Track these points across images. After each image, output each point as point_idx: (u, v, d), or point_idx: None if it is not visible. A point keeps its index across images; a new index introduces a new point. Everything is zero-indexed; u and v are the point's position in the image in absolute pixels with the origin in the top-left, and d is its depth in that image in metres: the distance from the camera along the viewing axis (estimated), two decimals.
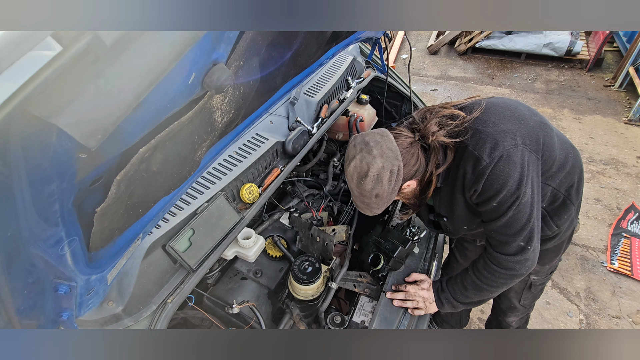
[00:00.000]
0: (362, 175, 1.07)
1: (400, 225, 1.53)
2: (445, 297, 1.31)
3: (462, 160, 1.11)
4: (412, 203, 1.29)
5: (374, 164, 1.05)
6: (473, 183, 1.10)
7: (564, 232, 1.38)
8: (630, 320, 2.41)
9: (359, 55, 2.23)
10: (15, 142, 0.45)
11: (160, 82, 0.58)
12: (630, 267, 2.71)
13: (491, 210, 1.12)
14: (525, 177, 1.07)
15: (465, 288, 1.27)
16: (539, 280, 1.63)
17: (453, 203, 1.22)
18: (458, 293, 1.29)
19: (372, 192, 1.08)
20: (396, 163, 1.06)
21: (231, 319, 1.33)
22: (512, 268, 1.17)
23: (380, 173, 1.05)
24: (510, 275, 1.19)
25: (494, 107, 1.14)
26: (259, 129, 1.47)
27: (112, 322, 0.98)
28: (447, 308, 1.32)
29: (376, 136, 1.09)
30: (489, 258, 1.21)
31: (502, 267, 1.18)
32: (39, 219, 0.56)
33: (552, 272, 1.62)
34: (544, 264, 1.52)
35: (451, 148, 1.13)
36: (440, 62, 5.63)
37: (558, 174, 1.21)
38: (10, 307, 0.58)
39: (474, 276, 1.25)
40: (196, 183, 1.23)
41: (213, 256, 1.15)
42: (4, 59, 0.38)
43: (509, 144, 1.06)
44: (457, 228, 1.32)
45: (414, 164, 1.12)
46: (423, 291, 1.34)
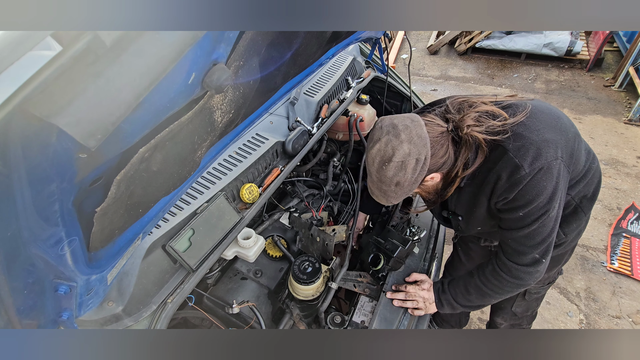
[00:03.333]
0: (385, 160, 0.99)
1: (400, 225, 1.53)
2: (445, 298, 1.30)
3: (498, 164, 1.04)
4: (430, 198, 1.23)
5: (400, 149, 0.97)
6: (505, 190, 1.04)
7: (569, 242, 1.34)
8: (630, 320, 2.41)
9: (359, 55, 2.23)
10: (15, 142, 0.45)
11: (160, 82, 0.58)
12: (630, 267, 2.71)
13: (515, 220, 1.08)
14: (557, 192, 1.03)
15: (467, 292, 1.25)
16: (535, 289, 1.60)
17: (474, 205, 1.17)
18: (459, 295, 1.27)
19: (393, 180, 1.01)
20: (423, 151, 0.99)
21: (231, 319, 1.33)
22: (521, 278, 1.15)
23: (406, 160, 0.98)
24: (517, 284, 1.17)
25: (540, 113, 1.07)
26: (259, 129, 1.47)
27: (112, 322, 0.98)
28: (447, 309, 1.31)
29: (406, 120, 1.01)
30: (499, 265, 1.17)
31: (512, 276, 1.15)
32: (39, 219, 0.56)
33: (549, 284, 1.60)
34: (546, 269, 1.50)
35: (483, 147, 1.05)
36: (440, 62, 5.63)
37: (578, 184, 1.17)
38: (10, 307, 0.58)
39: (479, 281, 1.22)
40: (196, 183, 1.23)
41: (213, 256, 1.15)
42: (4, 59, 0.38)
43: (551, 155, 1.00)
44: (471, 228, 1.28)
45: (442, 156, 1.04)
46: (423, 291, 1.33)
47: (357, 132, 1.94)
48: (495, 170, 1.04)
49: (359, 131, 1.94)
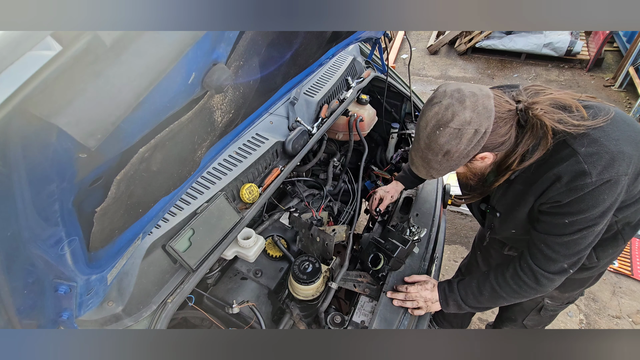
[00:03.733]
0: (442, 124, 0.92)
1: (400, 226, 1.52)
2: (453, 298, 1.26)
3: (561, 165, 0.96)
4: (472, 185, 1.14)
5: (460, 115, 0.90)
6: (560, 194, 0.96)
7: (600, 267, 1.30)
8: (630, 320, 2.41)
9: (359, 55, 2.23)
10: (15, 142, 0.45)
11: (160, 82, 0.58)
12: (630, 267, 2.71)
13: (558, 225, 1.02)
14: (612, 208, 0.97)
15: (480, 293, 1.20)
16: (552, 306, 1.55)
17: (518, 203, 1.10)
18: (470, 296, 1.23)
19: (444, 148, 0.93)
20: (485, 124, 0.91)
21: (231, 319, 1.32)
22: (543, 285, 1.10)
23: (464, 128, 0.90)
24: (536, 290, 1.12)
25: (622, 123, 0.98)
26: (259, 129, 1.47)
27: (112, 322, 0.98)
28: (453, 309, 1.28)
29: (474, 88, 0.94)
30: (523, 269, 1.12)
31: (534, 281, 1.10)
32: (39, 219, 0.56)
33: (568, 303, 1.55)
34: (565, 291, 1.44)
35: (548, 139, 0.96)
36: (440, 62, 5.63)
37: (628, 208, 1.08)
38: (10, 307, 0.58)
39: (495, 283, 1.17)
40: (196, 183, 1.23)
41: (213, 256, 1.15)
42: (4, 59, 0.38)
43: (622, 170, 0.92)
44: (504, 229, 1.23)
45: (502, 135, 0.95)
46: (426, 292, 1.30)
47: (357, 132, 1.94)
48: (557, 171, 0.96)
49: (359, 131, 1.94)
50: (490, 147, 0.96)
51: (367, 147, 1.98)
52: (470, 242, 2.96)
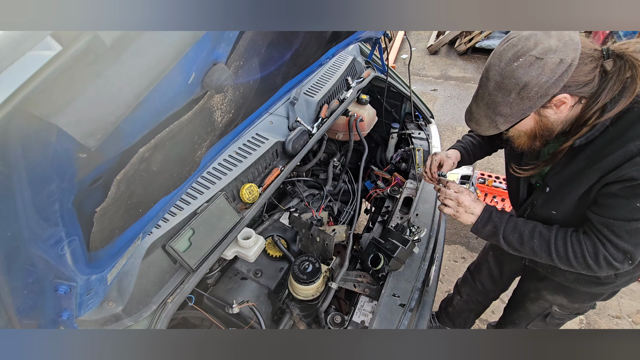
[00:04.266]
0: (521, 54, 0.84)
1: (401, 226, 1.52)
2: (495, 224, 1.14)
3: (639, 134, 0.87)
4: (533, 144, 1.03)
5: (545, 42, 0.82)
6: (637, 168, 0.86)
7: (616, 285, 1.26)
8: (630, 320, 2.41)
9: (359, 55, 2.23)
10: (15, 142, 0.45)
11: (160, 82, 0.58)
12: None
13: (628, 209, 0.92)
14: None
15: (530, 237, 1.09)
16: (559, 315, 1.50)
17: (575, 179, 1.00)
18: (515, 234, 1.11)
19: (521, 80, 0.85)
20: (572, 55, 0.83)
21: (231, 319, 1.33)
22: (600, 266, 1.01)
23: (548, 56, 0.82)
24: (589, 268, 1.03)
25: None
26: (259, 129, 1.47)
27: (112, 322, 0.98)
28: (485, 234, 1.17)
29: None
30: (586, 242, 1.02)
31: (593, 259, 1.00)
32: (39, 219, 0.56)
33: (577, 314, 1.50)
34: (574, 301, 1.41)
35: (637, 85, 0.86)
36: (440, 62, 5.63)
37: None
38: (10, 307, 0.58)
39: (553, 238, 1.06)
40: (196, 183, 1.23)
41: (213, 256, 1.15)
42: (3, 59, 0.38)
43: None
44: (548, 207, 1.13)
45: (586, 74, 0.86)
46: (465, 197, 1.17)
47: (357, 132, 1.94)
48: (638, 144, 0.86)
49: (359, 131, 1.94)
50: (572, 87, 0.87)
51: (367, 147, 1.98)
52: (470, 242, 2.96)
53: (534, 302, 1.56)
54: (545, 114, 0.95)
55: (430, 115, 2.20)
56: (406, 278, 1.40)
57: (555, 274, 1.38)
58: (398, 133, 2.12)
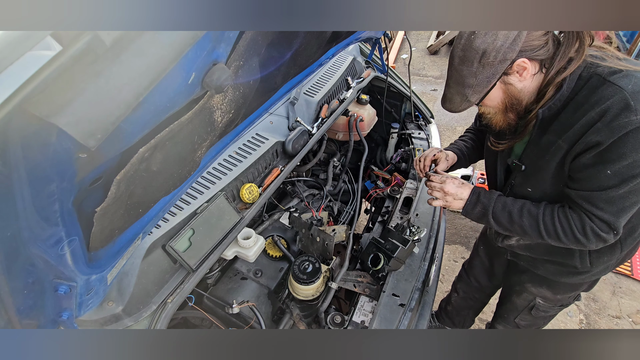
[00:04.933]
0: (475, 32, 0.93)
1: (400, 226, 1.52)
2: (484, 205, 1.18)
3: (603, 102, 0.90)
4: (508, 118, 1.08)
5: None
6: (601, 134, 0.90)
7: (593, 274, 1.29)
8: (630, 320, 2.41)
9: (359, 55, 2.23)
10: (15, 141, 0.45)
11: (160, 82, 0.58)
12: (630, 267, 2.71)
13: (600, 178, 0.94)
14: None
15: (520, 216, 1.12)
16: (544, 307, 1.54)
17: (548, 155, 1.04)
18: (504, 214, 1.14)
19: (479, 49, 0.92)
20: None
21: (231, 319, 1.32)
22: (589, 239, 1.03)
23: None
24: (579, 242, 1.05)
25: None
26: (259, 129, 1.47)
27: (112, 322, 0.98)
28: (475, 215, 1.21)
29: None
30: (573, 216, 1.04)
31: (581, 232, 1.03)
32: (39, 219, 0.56)
33: (561, 306, 1.54)
34: (557, 293, 1.45)
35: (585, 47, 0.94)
36: (440, 62, 5.63)
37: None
38: (10, 307, 0.58)
39: (542, 215, 1.09)
40: (196, 183, 1.23)
41: (213, 256, 1.15)
42: (3, 59, 0.38)
43: None
44: (524, 185, 1.17)
45: (539, 37, 0.93)
46: (450, 185, 1.22)
47: (357, 132, 1.94)
48: (600, 110, 0.90)
49: (359, 131, 1.94)
50: (528, 51, 0.94)
51: (367, 147, 1.98)
52: (470, 242, 2.96)
53: (519, 295, 1.60)
54: (510, 81, 1.00)
55: (430, 115, 2.20)
56: (406, 278, 1.40)
57: (536, 266, 1.41)
58: (398, 133, 2.12)
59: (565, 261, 1.29)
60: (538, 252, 1.35)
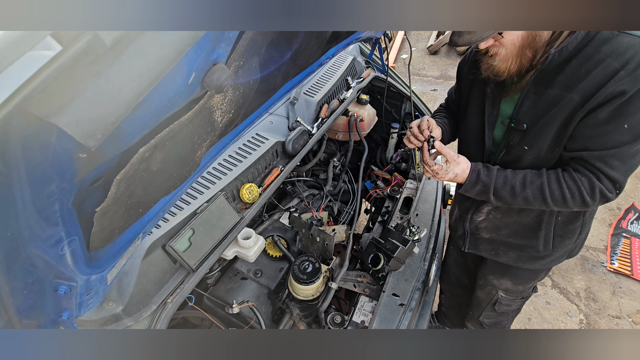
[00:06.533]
0: None
1: (400, 226, 1.52)
2: (484, 183, 1.14)
3: (616, 49, 0.88)
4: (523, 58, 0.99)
5: None
6: (623, 81, 0.86)
7: (553, 259, 1.32)
8: (630, 320, 2.41)
9: (359, 55, 2.23)
10: (15, 142, 0.45)
11: (160, 82, 0.58)
12: (630, 267, 2.71)
13: (617, 132, 0.91)
14: None
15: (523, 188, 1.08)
16: (506, 300, 1.56)
17: (554, 112, 0.99)
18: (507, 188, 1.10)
19: None
20: None
21: (231, 319, 1.33)
22: (595, 199, 1.02)
23: None
24: (585, 203, 1.03)
25: None
26: (259, 129, 1.47)
27: (112, 322, 0.98)
28: (473, 194, 1.18)
29: None
30: (580, 178, 1.02)
31: (589, 192, 1.01)
32: (39, 219, 0.56)
33: (522, 298, 1.56)
34: (518, 283, 1.47)
35: None
36: (440, 62, 5.63)
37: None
38: (10, 307, 0.58)
39: (546, 182, 1.05)
40: (196, 183, 1.23)
41: (213, 256, 1.15)
42: (3, 59, 0.38)
43: None
44: (521, 146, 1.11)
45: None
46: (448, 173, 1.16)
47: (357, 132, 1.94)
48: (619, 59, 0.87)
49: (359, 131, 1.94)
50: None
51: (367, 147, 1.98)
52: None
53: (482, 289, 1.61)
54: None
55: (430, 115, 2.20)
56: (406, 278, 1.40)
57: (498, 253, 1.42)
58: (398, 133, 2.12)
59: (528, 243, 1.30)
60: (503, 234, 1.35)
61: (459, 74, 1.39)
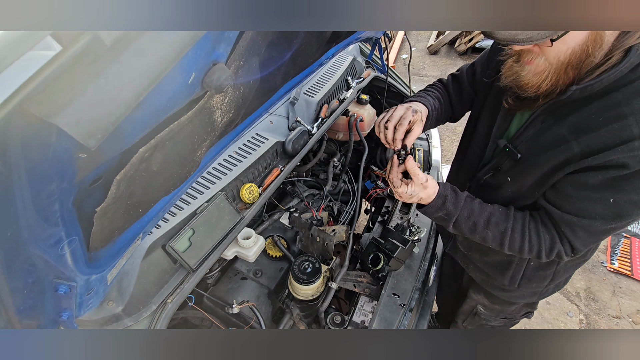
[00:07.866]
0: None
1: (400, 226, 1.52)
2: (447, 211, 1.02)
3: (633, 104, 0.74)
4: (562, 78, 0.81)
5: None
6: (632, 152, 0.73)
7: (518, 296, 1.29)
8: (630, 320, 2.41)
9: (359, 55, 2.23)
10: (15, 142, 0.45)
11: (160, 82, 0.58)
12: (630, 267, 2.71)
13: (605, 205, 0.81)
14: None
15: (486, 227, 0.99)
16: (485, 315, 1.54)
17: (551, 150, 0.87)
18: (469, 223, 1.01)
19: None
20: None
21: (231, 319, 1.33)
22: (549, 257, 0.96)
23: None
24: (540, 258, 0.97)
25: None
26: (259, 129, 1.47)
27: (112, 322, 0.98)
28: (433, 218, 1.07)
29: None
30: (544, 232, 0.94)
31: (548, 249, 0.94)
32: (39, 219, 0.56)
33: (505, 319, 1.53)
34: (493, 302, 1.44)
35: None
36: (440, 62, 5.63)
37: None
38: (10, 307, 0.58)
39: (510, 229, 0.97)
40: (196, 183, 1.23)
41: (213, 256, 1.15)
42: (3, 59, 0.38)
43: None
44: (507, 173, 1.00)
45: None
46: (414, 196, 1.02)
47: (357, 132, 1.94)
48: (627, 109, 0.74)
49: (359, 131, 1.94)
50: None
51: (367, 147, 1.98)
52: None
53: (464, 300, 1.60)
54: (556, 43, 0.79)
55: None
56: (406, 278, 1.40)
57: (469, 269, 1.39)
58: None
59: (494, 275, 1.27)
60: (474, 257, 1.31)
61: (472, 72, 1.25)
